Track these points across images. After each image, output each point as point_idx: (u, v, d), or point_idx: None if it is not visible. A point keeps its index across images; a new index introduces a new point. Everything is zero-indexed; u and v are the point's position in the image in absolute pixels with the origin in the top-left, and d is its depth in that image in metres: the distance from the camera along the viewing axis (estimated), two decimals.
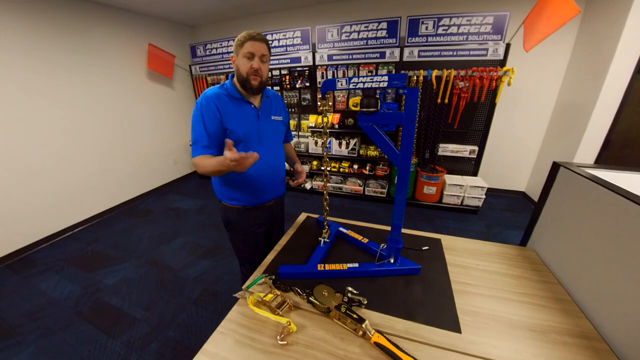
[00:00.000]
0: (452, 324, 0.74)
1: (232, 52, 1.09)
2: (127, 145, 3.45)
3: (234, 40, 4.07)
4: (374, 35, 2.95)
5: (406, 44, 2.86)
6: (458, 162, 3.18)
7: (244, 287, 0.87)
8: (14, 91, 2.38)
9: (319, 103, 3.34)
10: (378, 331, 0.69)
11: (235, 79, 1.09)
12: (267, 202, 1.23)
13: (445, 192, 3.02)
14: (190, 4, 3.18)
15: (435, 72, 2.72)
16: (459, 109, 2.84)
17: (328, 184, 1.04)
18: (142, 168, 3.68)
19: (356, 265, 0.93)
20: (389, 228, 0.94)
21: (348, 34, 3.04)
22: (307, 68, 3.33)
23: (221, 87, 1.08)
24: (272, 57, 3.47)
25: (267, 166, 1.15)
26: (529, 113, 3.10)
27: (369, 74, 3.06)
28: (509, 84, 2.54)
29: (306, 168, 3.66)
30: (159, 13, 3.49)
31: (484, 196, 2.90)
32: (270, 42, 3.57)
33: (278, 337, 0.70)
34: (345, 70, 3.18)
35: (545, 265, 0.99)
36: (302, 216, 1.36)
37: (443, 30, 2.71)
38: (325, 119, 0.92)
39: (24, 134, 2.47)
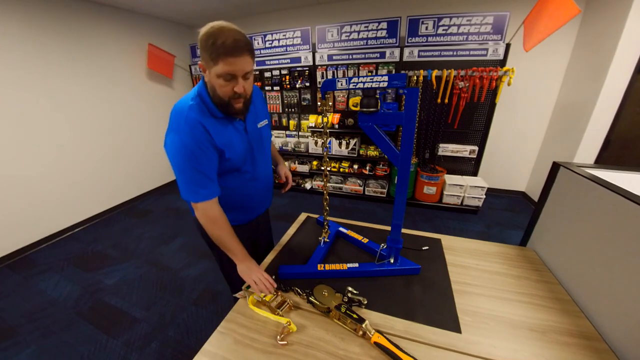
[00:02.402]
0: (452, 324, 0.74)
1: None
2: (127, 145, 3.45)
3: None
4: (374, 35, 2.94)
5: (406, 44, 2.86)
6: (458, 162, 3.18)
7: (243, 287, 0.87)
8: (14, 91, 2.38)
9: (319, 103, 3.34)
10: (378, 331, 0.69)
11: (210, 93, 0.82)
12: (253, 219, 1.11)
13: (445, 192, 3.02)
14: (190, 4, 3.18)
15: (435, 72, 2.71)
16: (459, 109, 2.84)
17: (328, 184, 1.03)
18: (142, 168, 3.68)
19: (356, 265, 0.93)
20: (389, 228, 0.94)
21: (348, 34, 3.04)
22: (307, 68, 3.33)
23: (201, 107, 0.80)
24: (272, 57, 3.47)
25: (260, 183, 1.01)
26: (529, 113, 3.10)
27: (369, 74, 3.06)
28: (509, 84, 2.54)
29: (306, 168, 3.66)
30: (159, 13, 3.49)
31: (484, 196, 2.90)
32: (270, 42, 3.56)
33: (278, 337, 0.70)
34: (345, 70, 3.18)
35: (545, 265, 0.99)
36: (302, 216, 1.36)
37: (443, 30, 2.71)
38: (325, 119, 0.92)
39: (23, 134, 2.47)
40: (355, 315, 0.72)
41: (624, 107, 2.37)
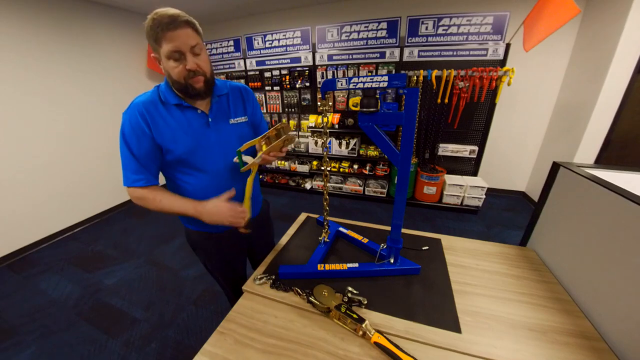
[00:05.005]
0: (452, 324, 0.74)
1: (231, 51, 0.89)
2: None
3: (234, 40, 3.97)
4: (374, 35, 2.95)
5: (406, 44, 2.86)
6: (458, 162, 3.18)
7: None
8: (14, 91, 2.38)
9: (319, 103, 3.34)
10: (378, 331, 0.69)
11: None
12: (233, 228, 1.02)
13: (445, 192, 3.02)
14: (191, 4, 3.18)
15: (435, 72, 2.71)
16: (459, 109, 2.84)
17: (328, 184, 1.03)
18: None
19: (356, 265, 0.93)
20: (389, 228, 0.94)
21: (348, 34, 3.04)
22: (307, 68, 3.33)
23: (154, 91, 0.83)
24: (272, 57, 3.47)
25: (231, 187, 0.89)
26: (529, 113, 3.10)
27: (369, 74, 3.06)
28: (509, 84, 2.54)
29: (306, 168, 3.66)
30: None
31: (484, 196, 2.90)
32: (270, 42, 3.55)
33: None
34: (345, 70, 3.18)
35: (545, 265, 0.99)
36: (302, 216, 1.36)
37: (443, 30, 2.71)
38: (325, 119, 0.91)
39: (23, 134, 2.47)
40: (355, 315, 0.72)
41: (624, 107, 2.37)
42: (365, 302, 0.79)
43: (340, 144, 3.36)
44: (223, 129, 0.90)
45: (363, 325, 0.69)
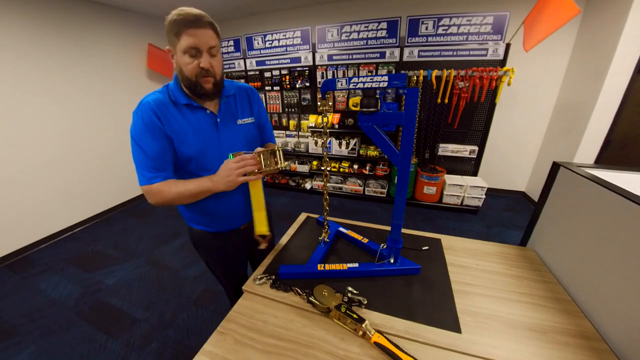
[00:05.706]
0: (452, 324, 0.74)
1: (231, 51, 0.91)
2: (127, 145, 3.37)
3: (234, 40, 3.96)
4: (374, 35, 2.95)
5: (406, 44, 2.86)
6: (458, 162, 3.18)
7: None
8: (14, 91, 2.38)
9: (319, 103, 3.34)
10: (378, 331, 0.69)
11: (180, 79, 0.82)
12: (241, 226, 1.06)
13: (445, 192, 3.02)
14: (191, 4, 3.18)
15: (435, 72, 2.71)
16: (459, 109, 2.84)
17: (328, 184, 1.03)
18: None
19: (356, 265, 0.93)
20: (389, 228, 0.94)
21: (348, 34, 3.04)
22: (307, 68, 3.33)
23: (163, 91, 0.83)
24: (272, 57, 3.47)
25: (236, 187, 0.85)
26: (529, 113, 3.11)
27: (369, 74, 3.06)
28: (509, 84, 2.54)
29: (306, 168, 3.66)
30: (159, 13, 3.49)
31: (484, 196, 2.90)
32: (270, 42, 3.55)
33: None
34: (345, 70, 3.18)
35: (545, 265, 0.99)
36: (302, 216, 1.36)
37: (443, 30, 2.71)
38: (325, 119, 0.91)
39: (23, 134, 2.47)
40: (355, 315, 0.72)
41: (624, 107, 2.37)
42: (365, 302, 0.79)
43: (340, 144, 3.36)
44: (231, 130, 0.91)
45: (363, 325, 0.69)
